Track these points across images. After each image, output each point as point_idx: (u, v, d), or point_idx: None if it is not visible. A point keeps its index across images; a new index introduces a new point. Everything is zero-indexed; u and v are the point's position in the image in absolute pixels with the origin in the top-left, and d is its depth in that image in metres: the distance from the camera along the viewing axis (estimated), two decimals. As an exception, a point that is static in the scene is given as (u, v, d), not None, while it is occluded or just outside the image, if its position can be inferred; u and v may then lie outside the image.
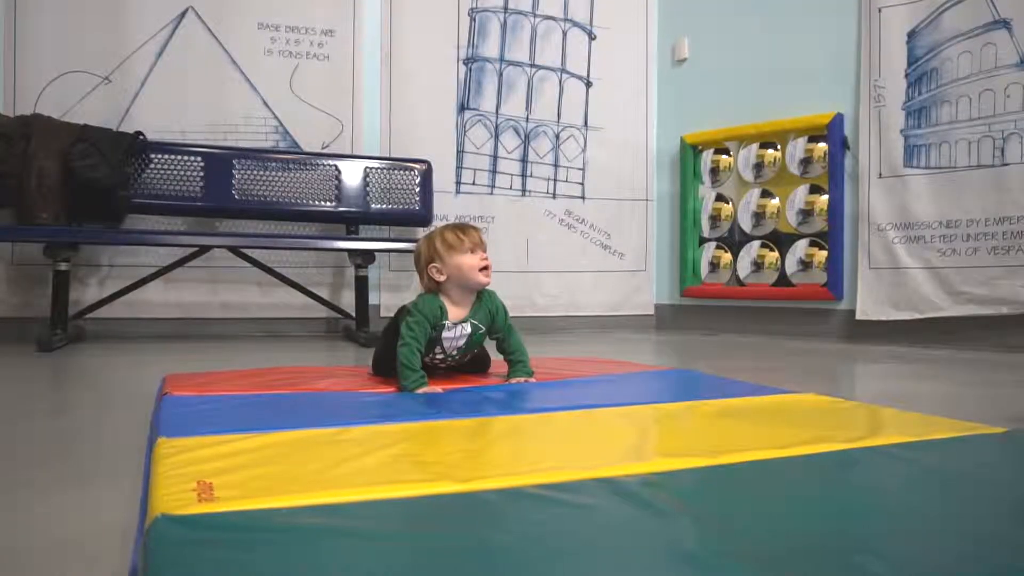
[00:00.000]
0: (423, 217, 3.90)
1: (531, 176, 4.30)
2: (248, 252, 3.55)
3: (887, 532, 0.80)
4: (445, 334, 1.79)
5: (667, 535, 0.76)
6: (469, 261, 1.75)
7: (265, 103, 3.81)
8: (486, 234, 2.01)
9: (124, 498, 1.06)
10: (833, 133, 3.70)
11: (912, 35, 3.51)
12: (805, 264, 3.84)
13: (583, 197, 4.39)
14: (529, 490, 0.87)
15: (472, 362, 1.94)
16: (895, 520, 0.84)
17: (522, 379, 1.81)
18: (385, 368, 1.88)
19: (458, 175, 4.16)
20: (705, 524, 0.79)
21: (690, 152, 4.30)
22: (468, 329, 1.81)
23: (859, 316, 3.61)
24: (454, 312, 1.79)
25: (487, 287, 1.83)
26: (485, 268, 1.77)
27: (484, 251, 1.78)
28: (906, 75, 3.53)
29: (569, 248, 4.36)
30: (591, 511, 0.82)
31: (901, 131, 3.53)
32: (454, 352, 1.86)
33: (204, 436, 1.14)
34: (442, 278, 1.77)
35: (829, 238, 3.73)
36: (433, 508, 0.83)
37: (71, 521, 0.98)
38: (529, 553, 0.70)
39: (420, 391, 1.65)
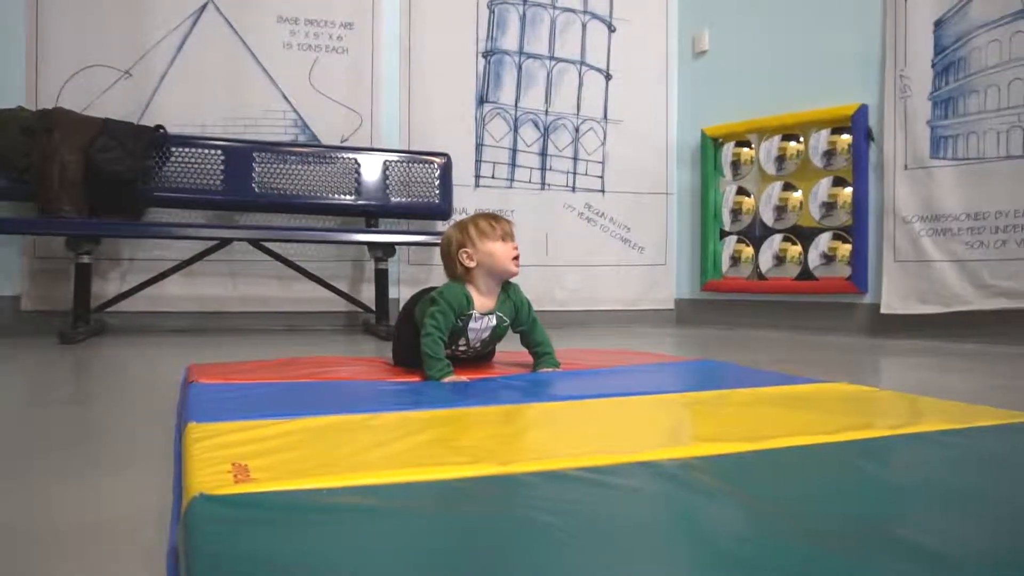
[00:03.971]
0: (443, 210, 3.89)
1: (551, 169, 4.28)
2: (268, 245, 3.56)
3: (938, 514, 0.78)
4: (472, 324, 1.79)
5: (716, 515, 0.74)
6: (501, 249, 1.76)
7: (284, 96, 3.81)
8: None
9: (154, 482, 1.05)
10: (857, 124, 3.66)
11: (939, 24, 3.46)
12: (828, 258, 3.79)
13: (603, 191, 4.37)
14: (572, 472, 0.86)
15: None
16: (946, 503, 0.81)
17: (549, 370, 1.80)
18: (403, 356, 1.87)
19: (477, 168, 4.15)
20: (753, 505, 0.77)
21: (711, 145, 4.27)
22: (493, 321, 1.81)
23: (884, 310, 3.56)
24: (480, 302, 1.78)
25: (513, 280, 1.83)
26: (516, 257, 1.77)
27: (515, 242, 1.78)
28: (932, 65, 3.47)
29: (589, 242, 4.34)
30: (636, 493, 0.81)
31: (927, 122, 3.48)
32: (477, 344, 1.85)
33: (234, 421, 1.14)
34: (472, 264, 1.76)
35: (853, 231, 3.68)
36: (474, 489, 0.82)
37: (103, 504, 0.98)
38: (578, 533, 0.69)
39: (446, 380, 1.64)
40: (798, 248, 3.92)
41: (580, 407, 1.32)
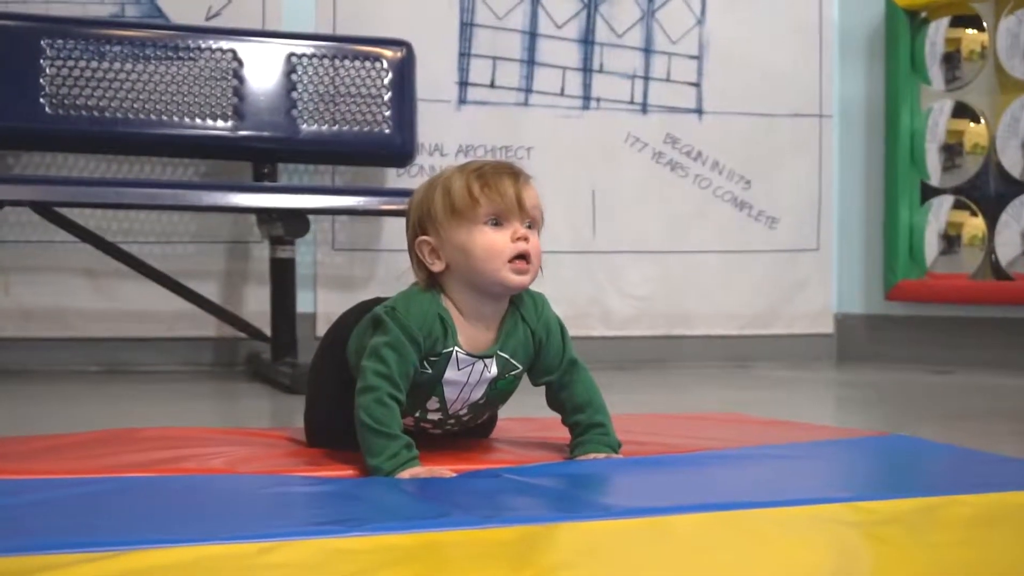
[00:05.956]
0: (397, 148, 3.92)
1: (601, 71, 4.29)
2: (68, 214, 3.58)
3: None
4: (451, 374, 1.80)
5: None
6: (487, 241, 1.73)
7: (101, -66, 3.85)
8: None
9: None
10: None
11: None
12: None
13: (699, 111, 4.38)
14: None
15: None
16: None
17: (601, 456, 1.81)
18: (325, 427, 1.89)
19: (463, 69, 4.17)
20: None
21: (904, 24, 4.28)
22: (493, 369, 1.82)
23: None
24: (469, 335, 1.79)
25: (533, 289, 1.85)
26: (522, 257, 1.74)
27: (526, 222, 1.75)
28: None
29: (673, 207, 4.36)
30: None
31: None
32: (463, 411, 1.87)
33: (8, 556, 1.14)
34: (439, 266, 1.77)
35: None
36: None
37: None
38: None
39: (405, 474, 1.65)
40: (1070, 220, 3.92)
41: (659, 528, 1.33)
